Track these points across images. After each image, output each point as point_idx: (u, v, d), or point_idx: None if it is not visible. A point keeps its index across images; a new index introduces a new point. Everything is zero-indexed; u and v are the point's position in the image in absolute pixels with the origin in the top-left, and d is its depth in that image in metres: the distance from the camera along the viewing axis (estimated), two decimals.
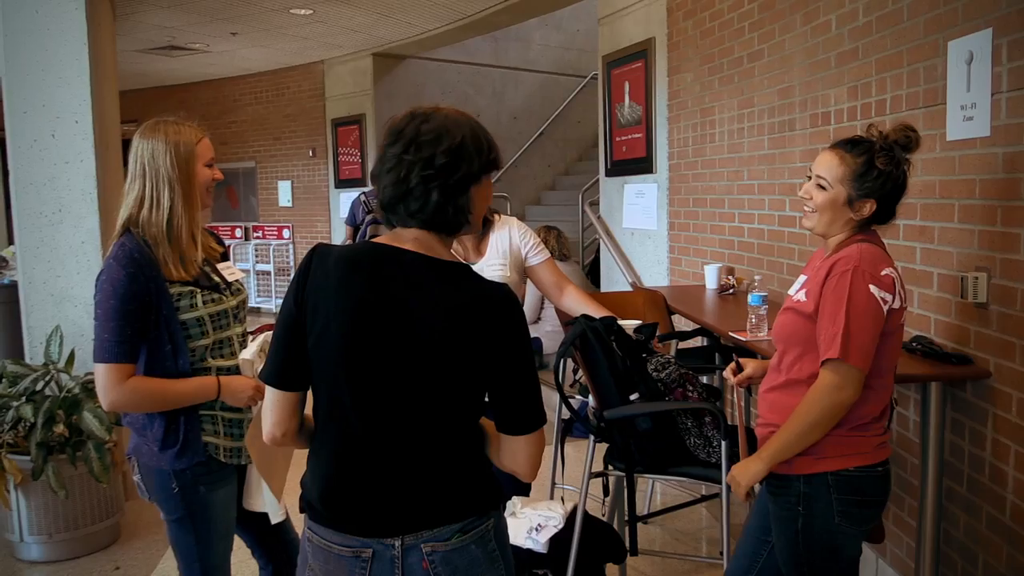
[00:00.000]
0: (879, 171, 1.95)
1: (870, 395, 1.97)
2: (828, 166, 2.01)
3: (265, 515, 2.24)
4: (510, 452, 1.53)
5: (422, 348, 1.45)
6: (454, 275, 1.49)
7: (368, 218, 6.71)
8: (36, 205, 4.00)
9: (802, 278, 2.14)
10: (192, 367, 2.09)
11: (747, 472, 2.04)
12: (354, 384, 1.48)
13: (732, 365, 2.32)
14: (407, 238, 1.50)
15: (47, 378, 3.60)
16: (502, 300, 1.48)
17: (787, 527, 2.05)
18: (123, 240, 2.06)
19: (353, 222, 6.89)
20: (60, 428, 3.46)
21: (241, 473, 2.22)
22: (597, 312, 2.71)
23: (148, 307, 2.01)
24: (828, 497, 1.98)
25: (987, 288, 2.46)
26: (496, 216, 2.88)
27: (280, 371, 1.54)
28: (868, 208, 1.98)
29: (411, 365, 1.46)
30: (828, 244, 2.07)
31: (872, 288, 1.89)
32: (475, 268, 2.72)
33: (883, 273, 1.92)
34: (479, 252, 2.83)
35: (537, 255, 2.90)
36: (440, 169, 1.45)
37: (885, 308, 1.91)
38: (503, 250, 2.83)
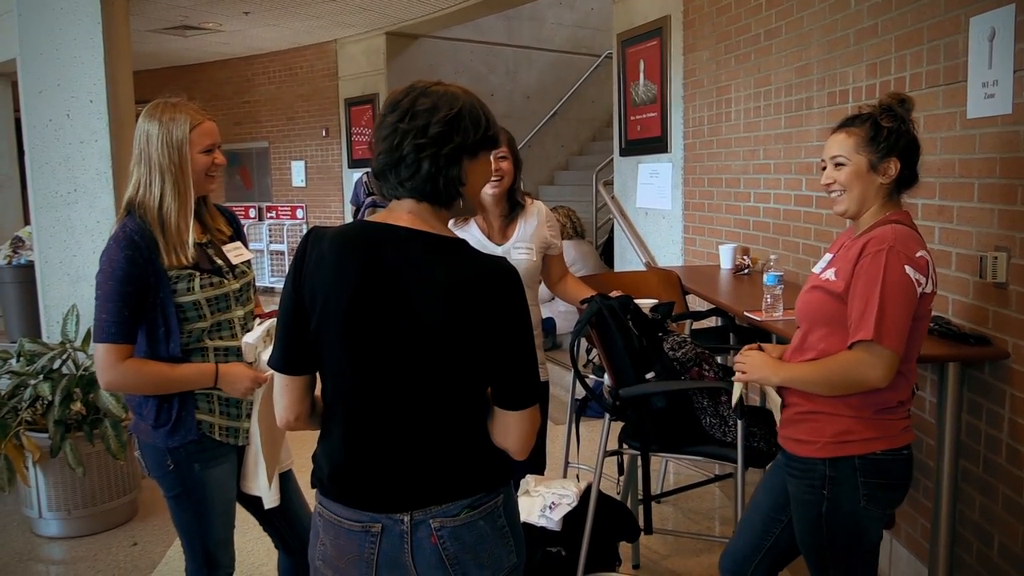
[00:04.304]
0: (888, 129, 1.96)
1: (898, 379, 1.94)
2: (839, 144, 2.01)
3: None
4: (502, 427, 1.53)
5: (422, 324, 1.44)
6: (451, 250, 1.49)
7: (368, 200, 6.71)
8: (52, 185, 4.02)
9: (827, 256, 2.11)
10: (188, 347, 2.08)
11: (761, 370, 2.07)
12: (356, 363, 1.48)
13: (753, 346, 2.29)
14: (402, 212, 1.50)
15: (64, 356, 3.63)
16: (501, 274, 1.47)
17: (810, 510, 2.02)
18: (126, 221, 2.06)
19: (357, 201, 6.88)
20: (77, 406, 3.49)
21: (240, 454, 2.22)
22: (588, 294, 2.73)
23: (146, 289, 2.01)
24: (854, 480, 1.96)
25: (1007, 268, 2.44)
26: (528, 200, 2.87)
27: (286, 357, 1.55)
28: (894, 167, 1.97)
29: (412, 341, 1.45)
30: (860, 223, 2.03)
31: (908, 269, 1.85)
32: (501, 250, 2.72)
33: (918, 255, 1.89)
34: (505, 236, 2.81)
35: (557, 247, 2.93)
36: (433, 138, 1.44)
37: (919, 290, 1.87)
38: (530, 234, 2.82)
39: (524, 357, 1.50)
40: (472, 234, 2.73)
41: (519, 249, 2.78)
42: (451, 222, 1.66)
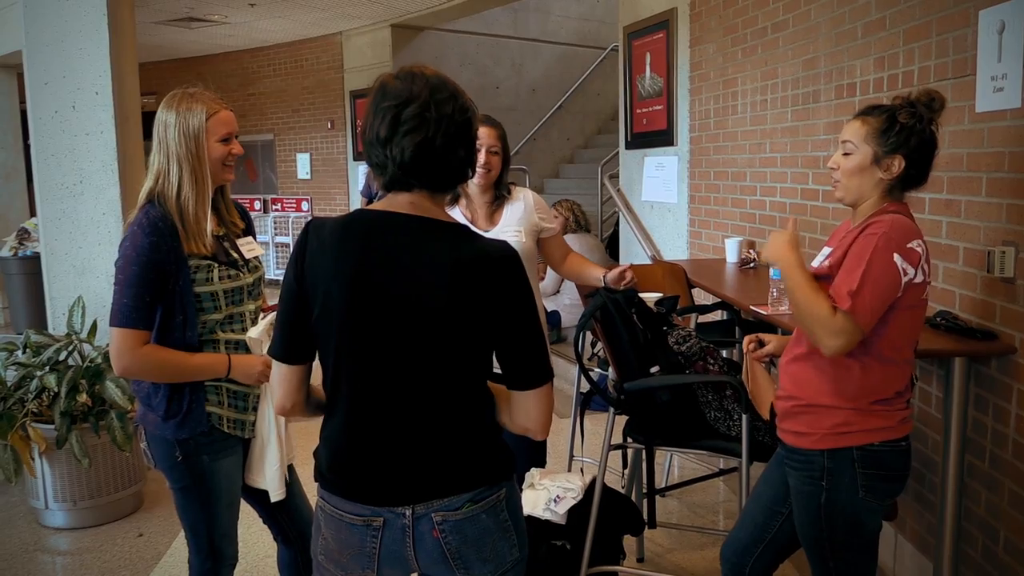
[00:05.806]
0: (902, 125, 1.94)
1: (894, 369, 1.96)
2: (852, 130, 2.01)
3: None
4: (522, 409, 1.52)
5: (424, 310, 1.44)
6: (452, 234, 1.49)
7: (381, 193, 6.70)
8: (57, 176, 4.02)
9: (826, 250, 2.12)
10: (201, 338, 2.10)
11: (778, 252, 2.03)
12: (358, 352, 1.49)
13: (753, 337, 2.31)
14: (402, 202, 1.51)
15: (70, 348, 3.64)
16: (502, 256, 1.47)
17: (809, 502, 2.03)
18: (148, 208, 2.06)
19: (368, 193, 6.87)
20: (83, 397, 3.50)
21: (245, 447, 2.23)
22: (597, 271, 2.80)
23: (167, 276, 2.02)
24: (853, 472, 1.97)
25: (1014, 262, 2.42)
26: (514, 188, 2.90)
27: (286, 346, 1.56)
28: (897, 165, 1.95)
29: (415, 326, 1.45)
30: (857, 213, 2.04)
31: (896, 256, 1.87)
32: (490, 235, 2.73)
33: (910, 245, 1.89)
34: (491, 221, 2.83)
35: (550, 228, 2.95)
36: (460, 125, 1.47)
37: (904, 280, 1.88)
38: (518, 218, 2.84)
39: (533, 336, 1.50)
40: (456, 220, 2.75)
41: (507, 233, 2.79)
42: None
